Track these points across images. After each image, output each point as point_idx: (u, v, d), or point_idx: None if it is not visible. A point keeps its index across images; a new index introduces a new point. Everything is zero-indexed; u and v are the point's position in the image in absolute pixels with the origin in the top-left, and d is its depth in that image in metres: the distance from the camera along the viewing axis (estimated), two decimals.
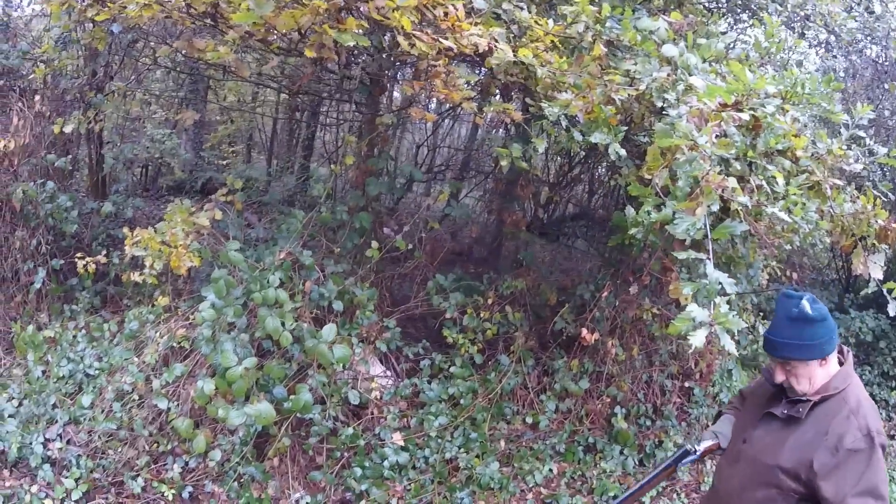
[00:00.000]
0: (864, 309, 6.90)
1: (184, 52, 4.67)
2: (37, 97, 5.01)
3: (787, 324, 2.07)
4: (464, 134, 9.74)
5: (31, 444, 3.79)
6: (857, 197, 2.89)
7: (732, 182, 2.26)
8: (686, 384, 5.19)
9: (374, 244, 4.53)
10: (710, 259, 1.97)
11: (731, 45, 3.91)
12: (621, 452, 4.63)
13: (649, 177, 2.44)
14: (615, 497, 4.32)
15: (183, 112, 5.90)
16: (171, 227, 3.89)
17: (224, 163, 9.95)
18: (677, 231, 2.07)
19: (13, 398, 4.09)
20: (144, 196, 7.91)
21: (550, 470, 4.42)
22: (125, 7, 3.21)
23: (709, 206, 2.21)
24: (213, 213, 4.15)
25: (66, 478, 3.68)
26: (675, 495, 4.50)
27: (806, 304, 2.05)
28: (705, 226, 2.13)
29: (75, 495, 3.62)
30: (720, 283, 1.94)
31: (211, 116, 10.17)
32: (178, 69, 7.12)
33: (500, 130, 7.27)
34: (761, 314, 6.22)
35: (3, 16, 5.83)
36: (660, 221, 2.32)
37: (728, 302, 1.93)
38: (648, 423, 4.88)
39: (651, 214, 2.22)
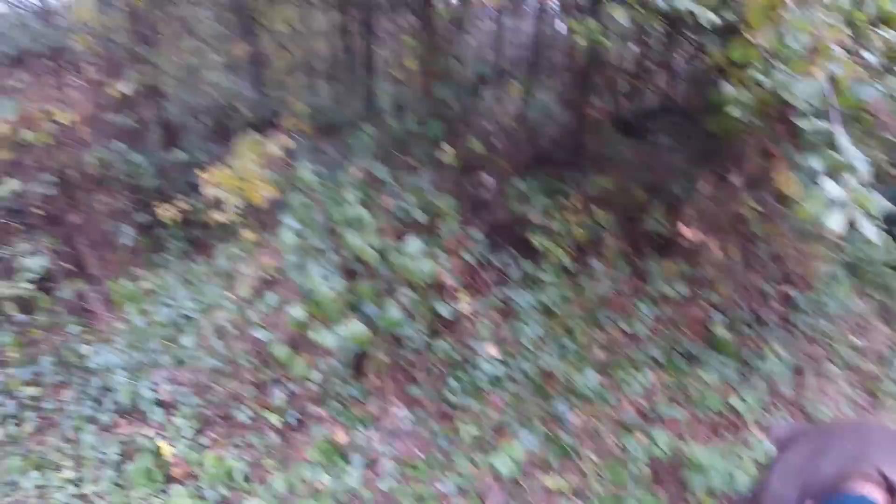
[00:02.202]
0: None
1: None
2: (88, 66, 5.01)
3: None
4: (529, 32, 9.17)
5: (140, 390, 3.97)
6: None
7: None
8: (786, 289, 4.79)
9: (449, 149, 4.34)
10: (841, 128, 1.66)
11: None
12: (721, 362, 4.35)
13: (750, 38, 2.11)
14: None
15: (234, 44, 5.82)
16: (243, 162, 3.86)
17: (288, 95, 9.89)
18: (796, 96, 1.77)
19: (120, 350, 4.28)
20: (215, 141, 7.98)
21: (648, 379, 4.25)
22: None
23: (829, 67, 1.88)
24: (282, 140, 4.09)
25: (176, 416, 3.85)
26: None
27: None
28: (830, 91, 1.81)
29: (187, 432, 3.77)
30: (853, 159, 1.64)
31: (266, 51, 10.04)
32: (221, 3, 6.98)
33: (569, 18, 6.73)
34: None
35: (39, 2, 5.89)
36: (763, 101, 2.01)
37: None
38: (748, 330, 4.53)
39: (762, 80, 1.90)
